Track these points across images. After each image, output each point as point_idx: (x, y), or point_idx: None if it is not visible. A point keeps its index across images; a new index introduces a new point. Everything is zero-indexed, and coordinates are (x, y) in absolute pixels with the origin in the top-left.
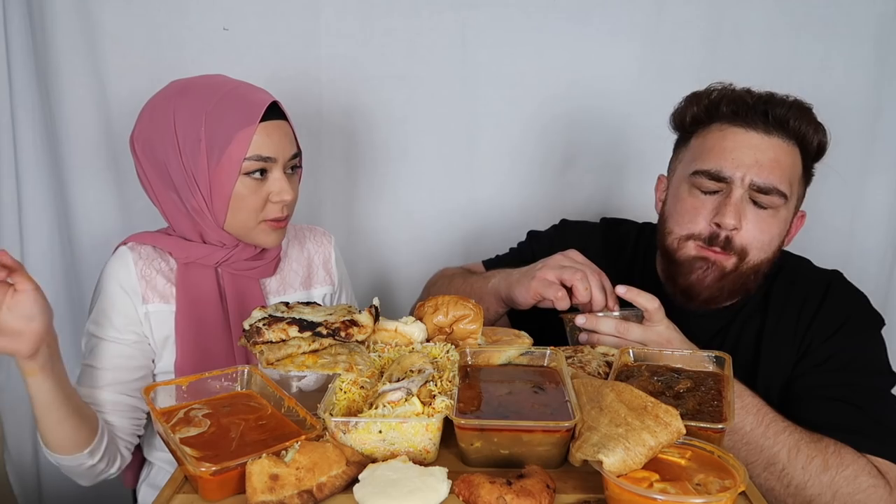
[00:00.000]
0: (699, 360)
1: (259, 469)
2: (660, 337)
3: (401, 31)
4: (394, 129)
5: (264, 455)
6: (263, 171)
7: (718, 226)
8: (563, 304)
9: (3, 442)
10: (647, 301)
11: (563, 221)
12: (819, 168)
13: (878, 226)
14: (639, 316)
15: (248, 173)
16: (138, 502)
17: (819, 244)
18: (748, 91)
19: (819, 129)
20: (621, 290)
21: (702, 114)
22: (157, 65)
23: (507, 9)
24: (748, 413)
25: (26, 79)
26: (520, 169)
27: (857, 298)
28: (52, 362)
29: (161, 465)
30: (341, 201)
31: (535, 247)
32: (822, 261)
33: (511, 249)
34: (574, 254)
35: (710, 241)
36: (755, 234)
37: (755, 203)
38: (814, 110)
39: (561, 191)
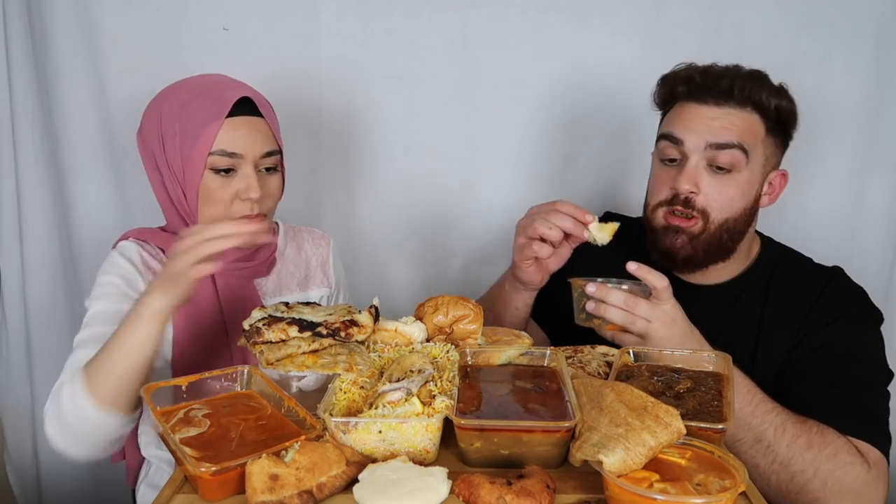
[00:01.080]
0: (699, 359)
1: (259, 469)
2: (665, 315)
3: (401, 31)
4: (394, 129)
5: (264, 455)
6: (230, 169)
7: (676, 191)
8: (545, 252)
9: (3, 442)
10: (656, 279)
11: None
12: (821, 167)
13: (878, 226)
14: (646, 292)
15: (214, 169)
16: (137, 502)
17: (819, 244)
18: (705, 68)
19: (774, 92)
20: (632, 266)
21: (667, 95)
22: (157, 65)
23: (507, 9)
24: (738, 392)
25: (26, 79)
26: (520, 169)
27: (857, 293)
28: None
29: (160, 464)
30: (341, 201)
31: None
32: (823, 261)
33: None
34: (532, 208)
35: (672, 202)
36: (714, 196)
37: (715, 168)
38: (771, 78)
39: (561, 191)
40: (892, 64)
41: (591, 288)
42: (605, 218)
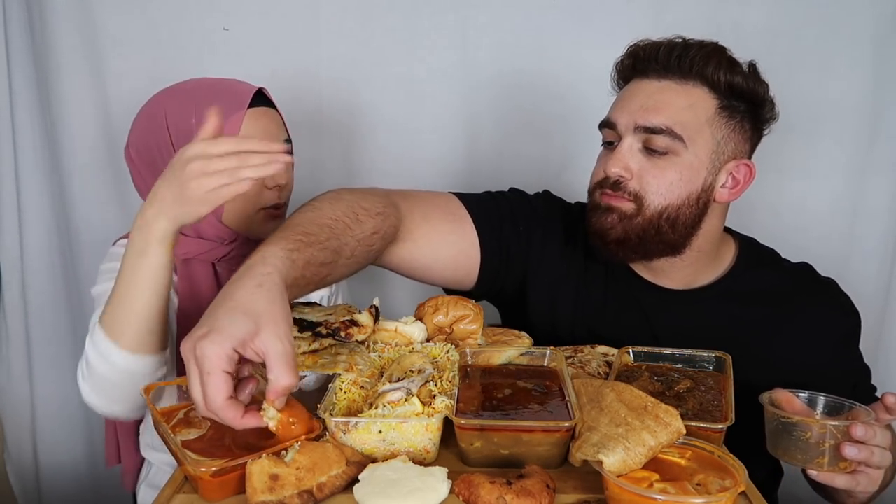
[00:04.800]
0: (699, 360)
1: (259, 469)
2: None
3: (401, 31)
4: (394, 128)
5: (264, 455)
6: None
7: (606, 174)
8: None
9: (3, 442)
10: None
11: (549, 194)
12: (821, 167)
13: (878, 226)
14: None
15: None
16: (137, 502)
17: (819, 244)
18: (654, 41)
19: (728, 65)
20: (891, 399)
21: (619, 75)
22: (157, 65)
23: (507, 9)
24: None
25: (26, 79)
26: (520, 169)
27: (832, 287)
28: None
29: (160, 465)
30: None
31: (516, 209)
32: (823, 261)
33: (488, 196)
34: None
35: (603, 184)
36: (648, 180)
37: (652, 150)
38: (767, 73)
39: (560, 190)
40: (891, 64)
41: (860, 431)
42: (546, 196)
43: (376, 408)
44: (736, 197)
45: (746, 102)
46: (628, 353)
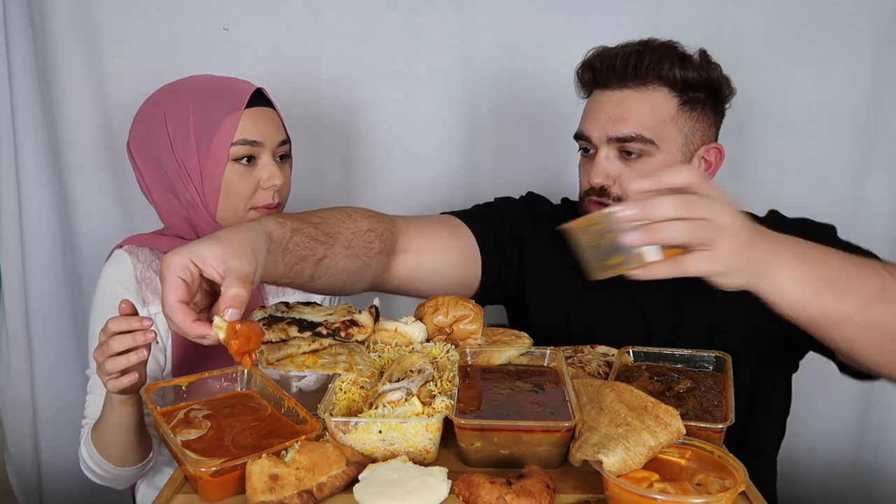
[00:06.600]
0: (699, 360)
1: (259, 469)
2: (724, 204)
3: (401, 31)
4: (394, 128)
5: (264, 455)
6: (252, 158)
7: (590, 183)
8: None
9: (3, 442)
10: (675, 175)
11: (532, 194)
12: (821, 166)
13: (878, 226)
14: None
15: (236, 159)
16: (137, 502)
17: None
18: (606, 50)
19: (679, 62)
20: (644, 184)
21: (582, 84)
22: (157, 65)
23: (507, 9)
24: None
25: (26, 79)
26: (520, 169)
27: (806, 221)
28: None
29: (159, 465)
30: (341, 201)
31: (502, 210)
32: None
33: (475, 207)
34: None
35: (590, 193)
36: (628, 184)
37: (627, 153)
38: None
39: (560, 190)
40: (891, 64)
41: (627, 211)
42: (530, 196)
43: (376, 408)
44: (710, 178)
45: (704, 91)
46: (628, 353)
